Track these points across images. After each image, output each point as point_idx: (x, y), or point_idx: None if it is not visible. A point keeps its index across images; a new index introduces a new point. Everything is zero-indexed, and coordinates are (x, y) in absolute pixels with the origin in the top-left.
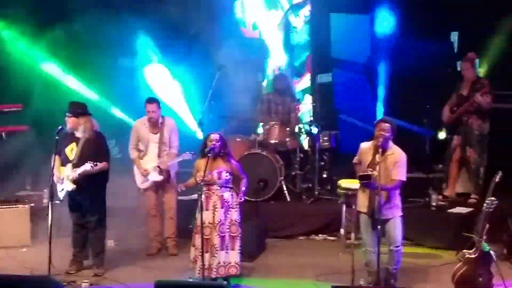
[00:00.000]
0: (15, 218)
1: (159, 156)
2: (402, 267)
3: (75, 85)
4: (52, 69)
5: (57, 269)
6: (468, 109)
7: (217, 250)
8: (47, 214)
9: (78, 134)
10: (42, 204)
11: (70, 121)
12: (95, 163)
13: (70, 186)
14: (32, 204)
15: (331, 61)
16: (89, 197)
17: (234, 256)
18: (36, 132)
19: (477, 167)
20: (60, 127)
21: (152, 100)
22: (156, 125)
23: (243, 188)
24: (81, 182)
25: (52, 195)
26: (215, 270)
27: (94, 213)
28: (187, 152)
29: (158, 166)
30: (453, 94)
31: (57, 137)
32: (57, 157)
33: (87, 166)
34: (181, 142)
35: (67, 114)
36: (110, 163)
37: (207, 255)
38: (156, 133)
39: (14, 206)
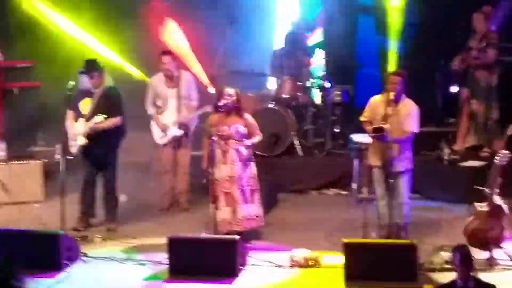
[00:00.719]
0: (28, 174)
1: (178, 110)
2: (413, 221)
3: (88, 41)
4: (64, 24)
5: (69, 225)
6: (473, 62)
7: (238, 204)
8: (60, 170)
9: (93, 89)
10: (55, 160)
11: (92, 82)
12: (105, 115)
13: (83, 141)
14: (44, 160)
15: (344, 14)
16: (103, 151)
17: (255, 209)
18: (49, 88)
19: (485, 120)
20: (72, 83)
21: (166, 52)
22: (172, 79)
23: (250, 142)
24: (95, 136)
25: (65, 150)
26: (238, 224)
27: (108, 168)
28: (207, 105)
29: (178, 121)
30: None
31: (69, 93)
32: (71, 112)
33: (98, 118)
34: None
35: (86, 73)
36: (125, 118)
37: (228, 209)
38: (173, 88)
39: (26, 162)
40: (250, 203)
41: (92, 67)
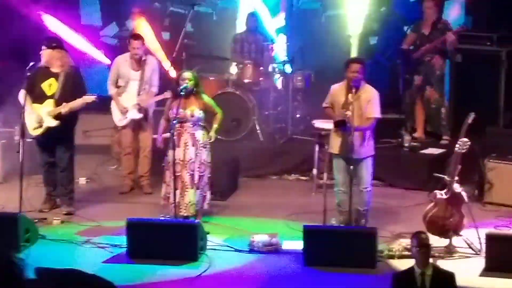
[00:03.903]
0: None
1: (138, 94)
2: (373, 208)
3: (53, 24)
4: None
5: (28, 207)
6: (432, 49)
7: (187, 188)
8: (18, 151)
9: (55, 69)
10: (14, 141)
11: (45, 54)
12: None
13: (53, 122)
14: (3, 141)
15: None
16: (67, 134)
17: (199, 195)
18: (7, 67)
19: (438, 107)
20: (31, 63)
21: (137, 37)
22: (138, 63)
23: (216, 126)
24: (62, 117)
25: (24, 132)
26: (184, 208)
27: (68, 151)
28: (167, 91)
29: (138, 104)
30: (410, 32)
31: (28, 73)
32: (25, 92)
33: (88, 99)
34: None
35: (42, 47)
36: None
37: (177, 193)
38: (137, 71)
39: None
40: (196, 188)
41: (50, 42)
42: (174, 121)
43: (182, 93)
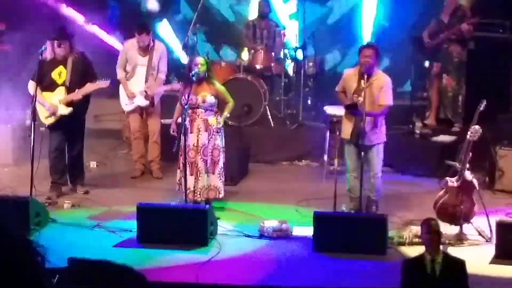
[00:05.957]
0: None
1: (146, 80)
2: (384, 194)
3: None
4: None
5: (38, 190)
6: (449, 37)
7: (200, 173)
8: (29, 135)
9: (61, 57)
10: (25, 125)
11: (63, 48)
12: (106, 78)
13: (67, 110)
14: (13, 124)
15: None
16: (79, 120)
17: (214, 180)
18: (20, 52)
19: (455, 95)
20: (44, 47)
21: (141, 30)
22: (146, 48)
23: (226, 113)
24: (76, 104)
25: (35, 116)
26: (199, 193)
27: (80, 135)
28: (176, 83)
29: (145, 91)
30: (432, 19)
31: (41, 57)
32: (33, 83)
33: (102, 84)
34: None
35: (56, 40)
36: None
37: (192, 178)
38: (145, 56)
39: None
40: (210, 173)
41: (63, 35)
42: (186, 107)
43: (193, 78)
